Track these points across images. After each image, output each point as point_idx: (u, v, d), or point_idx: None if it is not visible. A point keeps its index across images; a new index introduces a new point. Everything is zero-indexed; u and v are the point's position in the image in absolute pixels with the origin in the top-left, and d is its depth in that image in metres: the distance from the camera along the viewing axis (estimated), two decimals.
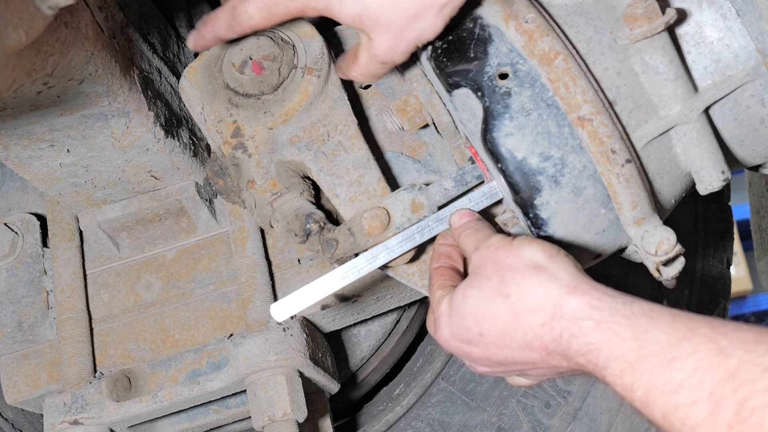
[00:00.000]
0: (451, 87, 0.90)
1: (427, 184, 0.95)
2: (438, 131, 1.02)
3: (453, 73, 0.90)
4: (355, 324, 1.47)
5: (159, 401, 1.18)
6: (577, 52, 0.88)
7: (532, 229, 0.89)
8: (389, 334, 1.54)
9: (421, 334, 1.58)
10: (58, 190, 1.19)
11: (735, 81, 0.90)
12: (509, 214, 0.94)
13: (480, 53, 0.89)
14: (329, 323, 1.32)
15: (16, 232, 1.32)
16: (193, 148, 1.24)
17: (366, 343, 1.52)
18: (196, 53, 1.33)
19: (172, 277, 1.30)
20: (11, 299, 1.29)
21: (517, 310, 0.76)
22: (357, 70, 0.93)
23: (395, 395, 1.53)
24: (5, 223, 1.33)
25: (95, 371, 1.25)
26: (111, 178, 1.20)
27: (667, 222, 0.90)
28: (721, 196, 1.73)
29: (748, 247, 3.92)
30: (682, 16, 0.90)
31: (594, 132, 0.84)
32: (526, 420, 1.44)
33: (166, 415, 1.26)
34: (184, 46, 1.32)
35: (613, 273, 1.56)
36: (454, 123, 0.98)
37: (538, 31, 0.87)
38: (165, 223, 1.30)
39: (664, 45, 0.86)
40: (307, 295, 0.93)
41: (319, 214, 0.98)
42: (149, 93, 1.13)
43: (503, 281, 0.78)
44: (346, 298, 1.23)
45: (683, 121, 0.88)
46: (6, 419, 1.51)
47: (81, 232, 1.32)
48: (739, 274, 3.98)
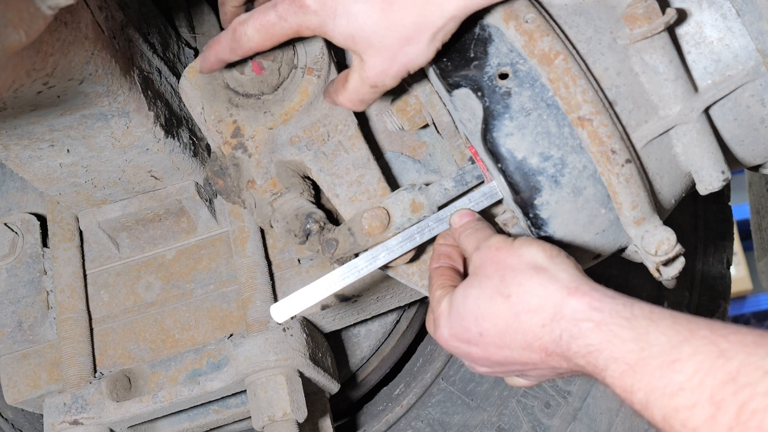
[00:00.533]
0: (451, 87, 0.90)
1: (427, 184, 0.95)
2: (438, 131, 1.02)
3: (453, 73, 0.90)
4: (355, 324, 1.47)
5: (159, 401, 1.18)
6: (577, 52, 0.88)
7: (532, 229, 0.89)
8: (389, 334, 1.54)
9: (421, 334, 1.58)
10: (58, 190, 1.19)
11: (735, 81, 0.90)
12: (509, 214, 0.94)
13: (480, 53, 0.89)
14: (329, 323, 1.32)
15: (16, 232, 1.32)
16: (193, 148, 1.24)
17: (366, 343, 1.52)
18: (196, 53, 1.33)
19: (172, 277, 1.30)
20: (11, 299, 1.29)
21: (518, 310, 0.76)
22: (346, 95, 0.92)
23: (395, 395, 1.53)
24: (5, 223, 1.33)
25: (95, 371, 1.25)
26: (111, 178, 1.20)
27: (667, 222, 0.90)
28: (721, 196, 1.73)
29: (748, 247, 3.92)
30: (682, 16, 0.90)
31: (594, 132, 0.84)
32: (526, 420, 1.44)
33: (166, 415, 1.26)
34: (184, 46, 1.32)
35: (613, 273, 1.55)
36: (454, 123, 0.98)
37: (538, 31, 0.87)
38: (165, 223, 1.30)
39: (664, 45, 0.86)
40: (307, 296, 0.93)
41: (320, 214, 0.98)
42: (149, 93, 1.13)
43: (504, 281, 0.78)
44: (346, 298, 1.23)
45: (683, 121, 0.88)
46: (6, 419, 1.51)
47: (81, 232, 1.32)
48: (739, 274, 3.98)
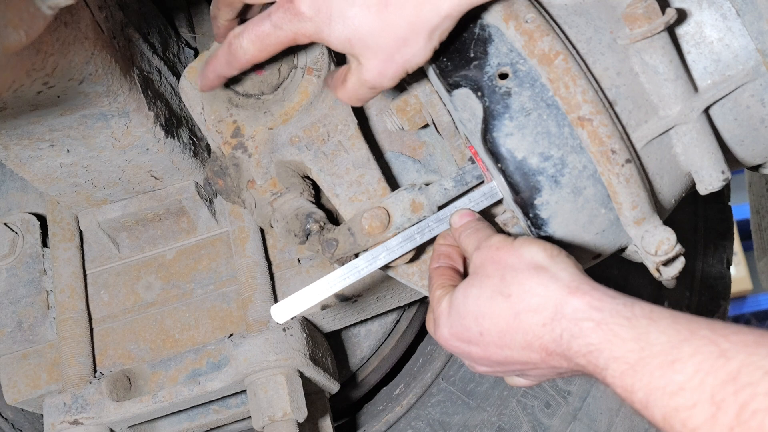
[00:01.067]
0: (451, 87, 0.90)
1: (427, 184, 0.95)
2: (438, 131, 1.02)
3: (453, 73, 0.90)
4: (355, 324, 1.47)
5: (159, 401, 1.18)
6: (577, 52, 0.88)
7: (532, 229, 0.89)
8: (389, 334, 1.54)
9: (421, 334, 1.58)
10: (58, 190, 1.19)
11: (735, 81, 0.90)
12: (509, 214, 0.94)
13: (480, 53, 0.89)
14: (329, 323, 1.32)
15: (16, 232, 1.32)
16: (193, 148, 1.24)
17: (366, 343, 1.52)
18: (196, 53, 1.33)
19: (172, 277, 1.30)
20: (11, 299, 1.29)
21: (518, 309, 0.76)
22: (344, 93, 0.92)
23: (395, 395, 1.53)
24: (5, 223, 1.33)
25: (95, 371, 1.25)
26: (111, 178, 1.20)
27: (667, 222, 0.90)
28: (721, 196, 1.73)
29: (748, 247, 3.93)
30: (682, 16, 0.90)
31: (594, 132, 0.84)
32: (526, 420, 1.44)
33: (166, 415, 1.26)
34: (184, 46, 1.32)
35: (613, 273, 1.55)
36: (454, 123, 0.98)
37: (538, 31, 0.87)
38: (165, 223, 1.30)
39: (664, 45, 0.86)
40: (308, 297, 0.93)
41: (320, 214, 0.98)
42: (149, 93, 1.13)
43: (504, 281, 0.78)
44: (346, 298, 1.23)
45: (683, 121, 0.88)
46: (6, 419, 1.51)
47: (81, 232, 1.32)
48: (739, 274, 3.99)
